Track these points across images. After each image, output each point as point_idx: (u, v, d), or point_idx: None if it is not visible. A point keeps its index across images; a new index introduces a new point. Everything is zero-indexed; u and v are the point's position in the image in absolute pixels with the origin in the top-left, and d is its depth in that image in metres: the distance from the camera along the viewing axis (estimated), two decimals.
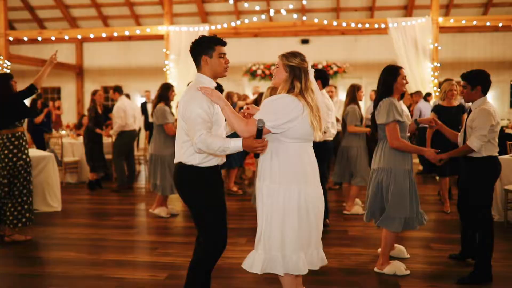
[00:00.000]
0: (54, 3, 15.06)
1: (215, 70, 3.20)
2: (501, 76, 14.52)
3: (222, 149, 2.95)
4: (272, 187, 3.05)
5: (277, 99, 3.02)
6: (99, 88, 15.64)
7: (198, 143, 2.95)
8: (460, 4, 14.09)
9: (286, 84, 3.08)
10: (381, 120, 4.21)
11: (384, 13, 14.27)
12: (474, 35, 14.53)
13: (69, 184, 9.30)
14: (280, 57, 3.17)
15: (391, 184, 4.22)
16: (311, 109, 3.01)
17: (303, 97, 3.01)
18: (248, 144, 2.93)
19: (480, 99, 4.24)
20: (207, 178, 3.18)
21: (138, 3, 14.99)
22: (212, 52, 3.16)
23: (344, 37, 14.84)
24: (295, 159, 3.05)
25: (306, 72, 3.10)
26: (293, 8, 13.18)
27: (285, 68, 3.11)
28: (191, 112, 3.02)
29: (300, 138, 3.05)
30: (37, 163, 6.85)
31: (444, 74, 13.03)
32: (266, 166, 3.10)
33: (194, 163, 3.14)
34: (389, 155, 4.25)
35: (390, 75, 4.27)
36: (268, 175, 3.08)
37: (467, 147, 4.14)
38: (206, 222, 3.19)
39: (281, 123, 2.96)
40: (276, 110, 2.97)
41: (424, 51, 11.35)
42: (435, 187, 8.78)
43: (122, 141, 8.64)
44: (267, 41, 14.93)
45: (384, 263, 4.37)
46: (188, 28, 12.23)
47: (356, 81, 11.82)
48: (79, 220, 6.66)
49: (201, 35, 3.25)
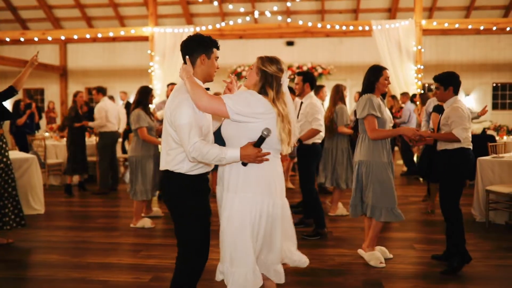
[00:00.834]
0: (37, 4, 14.91)
1: (208, 72, 3.04)
2: (483, 78, 14.72)
3: (218, 159, 2.81)
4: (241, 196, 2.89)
5: (253, 92, 2.90)
6: (83, 89, 15.59)
7: (193, 151, 2.79)
8: (443, 7, 14.27)
9: (255, 88, 2.94)
10: (359, 114, 4.49)
11: (368, 15, 14.40)
12: (457, 37, 14.72)
13: (52, 187, 9.21)
14: (257, 58, 3.01)
15: (371, 175, 4.46)
16: (281, 119, 2.86)
17: (274, 105, 2.86)
18: (248, 154, 2.80)
19: (452, 98, 4.55)
20: (196, 187, 3.02)
21: (122, 4, 14.91)
22: (211, 53, 3.02)
23: (329, 39, 14.93)
24: (262, 169, 2.89)
25: (279, 82, 2.92)
26: (277, 10, 13.23)
27: (257, 71, 2.95)
28: (181, 119, 2.82)
29: (268, 145, 2.87)
30: (20, 165, 6.77)
31: (427, 76, 13.19)
32: (233, 175, 2.92)
33: (182, 171, 2.97)
34: (368, 148, 4.49)
35: (373, 74, 4.54)
36: (235, 185, 2.91)
37: (452, 135, 4.32)
38: (189, 238, 3.00)
39: (248, 111, 2.80)
40: (249, 100, 2.83)
41: (407, 53, 11.47)
42: (418, 188, 8.87)
43: (104, 142, 8.61)
44: (252, 43, 14.96)
45: (369, 246, 4.67)
46: (173, 29, 12.20)
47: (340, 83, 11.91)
48: (63, 223, 6.60)
49: (198, 33, 3.08)
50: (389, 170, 4.51)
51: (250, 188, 2.89)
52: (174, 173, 2.98)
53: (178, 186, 2.99)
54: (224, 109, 2.81)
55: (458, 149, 4.40)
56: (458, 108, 4.40)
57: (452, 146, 4.41)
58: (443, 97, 4.59)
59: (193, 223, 2.99)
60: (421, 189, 8.59)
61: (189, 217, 3.00)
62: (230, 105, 2.80)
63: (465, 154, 4.42)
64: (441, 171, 4.49)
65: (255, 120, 2.82)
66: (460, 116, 4.34)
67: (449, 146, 4.43)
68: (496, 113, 14.89)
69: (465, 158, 4.42)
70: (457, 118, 4.34)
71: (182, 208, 3.01)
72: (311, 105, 5.66)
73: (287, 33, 13.88)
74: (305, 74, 5.95)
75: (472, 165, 4.69)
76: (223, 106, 2.81)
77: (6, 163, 5.41)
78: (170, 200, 3.06)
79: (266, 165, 2.90)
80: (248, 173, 2.89)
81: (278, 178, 2.99)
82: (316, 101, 5.74)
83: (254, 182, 2.89)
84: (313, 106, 5.65)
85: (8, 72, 14.87)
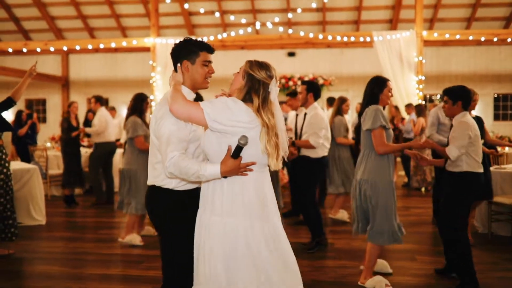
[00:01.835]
0: (40, 15, 14.99)
1: (195, 79, 2.78)
2: (485, 90, 14.73)
3: (197, 175, 2.53)
4: (215, 220, 2.58)
5: (236, 99, 2.60)
6: (84, 99, 15.62)
7: (170, 166, 2.54)
8: (443, 18, 14.31)
9: (240, 94, 2.62)
10: (367, 126, 4.17)
11: (369, 26, 14.44)
12: (458, 48, 14.75)
13: (54, 197, 9.20)
14: (246, 62, 2.71)
15: (376, 198, 4.16)
16: (266, 130, 2.55)
17: (259, 114, 2.56)
18: (230, 167, 2.50)
19: (460, 113, 4.32)
20: (185, 204, 2.76)
21: (124, 15, 14.99)
22: (196, 58, 2.75)
23: (330, 50, 14.97)
24: (250, 187, 2.59)
25: (266, 89, 2.62)
26: (279, 21, 13.27)
27: (244, 75, 2.65)
28: (164, 129, 2.61)
29: (252, 159, 2.57)
30: (21, 175, 6.77)
31: (429, 87, 13.23)
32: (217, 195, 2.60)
33: (170, 187, 2.74)
34: (373, 165, 4.19)
35: (377, 86, 4.30)
36: (212, 205, 2.61)
37: (445, 153, 4.17)
38: (177, 260, 2.78)
39: (227, 119, 2.50)
40: (230, 107, 2.53)
41: (408, 64, 11.49)
42: (419, 199, 8.85)
43: (98, 152, 8.50)
44: (253, 54, 14.97)
45: (367, 276, 4.33)
46: (174, 40, 12.22)
47: (342, 94, 11.93)
48: (64, 234, 6.59)
49: (187, 37, 2.87)
50: (392, 189, 4.23)
51: (239, 211, 2.56)
52: (161, 188, 2.77)
53: (165, 203, 2.77)
54: (201, 115, 2.51)
55: (464, 173, 4.19)
56: (463, 124, 4.20)
57: (459, 169, 4.20)
58: (451, 112, 4.35)
59: (182, 244, 2.73)
60: (423, 200, 8.58)
61: (178, 237, 2.76)
62: (208, 110, 2.51)
63: (469, 179, 4.21)
64: (447, 192, 4.31)
65: (236, 129, 2.51)
66: (461, 133, 4.14)
67: (455, 168, 4.23)
68: (497, 124, 14.87)
69: (469, 183, 4.22)
70: (458, 134, 4.16)
71: (169, 227, 2.79)
72: (315, 117, 5.48)
73: (288, 44, 13.91)
74: (309, 83, 5.74)
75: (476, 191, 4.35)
76: (200, 112, 2.51)
77: (6, 174, 5.39)
78: (157, 218, 2.85)
79: (254, 182, 2.60)
80: (234, 193, 2.58)
81: (269, 196, 2.69)
82: (321, 113, 5.57)
83: (243, 203, 2.57)
84: (316, 117, 5.47)
85: (10, 82, 14.91)
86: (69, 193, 8.47)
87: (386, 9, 14.28)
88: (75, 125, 8.51)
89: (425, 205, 7.91)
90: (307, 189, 5.59)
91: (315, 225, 5.57)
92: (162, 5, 13.16)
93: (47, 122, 16.33)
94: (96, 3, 14.58)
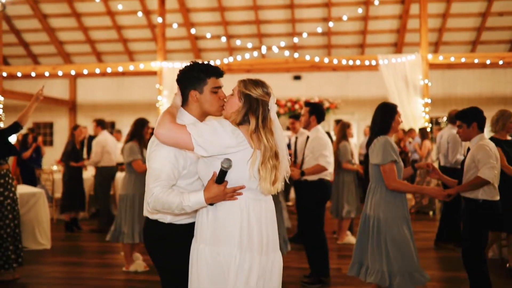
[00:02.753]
0: (49, 39, 15.20)
1: (206, 109, 2.63)
2: (491, 112, 14.51)
3: (180, 208, 2.37)
4: (202, 248, 2.45)
5: (224, 121, 2.44)
6: (91, 123, 15.70)
7: (151, 202, 2.41)
8: (448, 41, 14.38)
9: (237, 116, 2.46)
10: (375, 160, 3.90)
11: (374, 50, 14.53)
12: (463, 71, 14.77)
13: (59, 221, 9.16)
14: (238, 82, 2.55)
15: (386, 234, 3.82)
16: (264, 152, 2.39)
17: (256, 135, 2.40)
18: (214, 194, 2.34)
19: (477, 136, 4.16)
20: (182, 238, 2.59)
21: (132, 39, 15.17)
22: (203, 86, 2.58)
23: (336, 73, 15.03)
24: (238, 215, 2.40)
25: (266, 108, 2.48)
26: (285, 45, 13.38)
27: (239, 96, 2.49)
28: (155, 163, 2.47)
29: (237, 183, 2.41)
30: (27, 199, 6.76)
31: (435, 110, 13.22)
32: (203, 222, 2.47)
33: (166, 221, 2.59)
34: (381, 199, 3.90)
35: (388, 113, 4.03)
36: (200, 233, 2.48)
37: (479, 179, 3.92)
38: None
39: (212, 144, 2.35)
40: (217, 130, 2.36)
41: (414, 87, 11.51)
42: (427, 223, 8.75)
43: (101, 178, 8.41)
44: (259, 77, 14.92)
45: None
46: (181, 64, 12.34)
47: (348, 117, 11.99)
48: (69, 258, 6.54)
49: (192, 62, 2.67)
50: (407, 225, 3.87)
51: (225, 240, 2.39)
52: (157, 221, 2.61)
53: (161, 237, 2.62)
54: (188, 140, 2.34)
55: (479, 201, 4.02)
56: (485, 146, 4.02)
57: (475, 195, 4.01)
58: (468, 135, 4.18)
59: (179, 279, 2.58)
60: (431, 225, 8.47)
61: (175, 272, 2.62)
62: (195, 135, 2.34)
63: (487, 208, 4.04)
64: (466, 220, 4.14)
65: (223, 155, 2.36)
66: (487, 155, 3.95)
67: (471, 195, 4.03)
68: None
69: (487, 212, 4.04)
70: (484, 157, 3.94)
71: (166, 261, 2.65)
72: (318, 139, 5.13)
73: (294, 68, 14.00)
74: (312, 105, 5.40)
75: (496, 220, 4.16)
76: (188, 136, 2.35)
77: (13, 198, 5.38)
78: (151, 251, 2.69)
79: (244, 211, 2.41)
80: (217, 220, 2.42)
81: (265, 227, 2.46)
82: (323, 135, 5.25)
83: (226, 231, 2.40)
84: (319, 140, 5.12)
85: (18, 106, 15.01)
86: (69, 218, 8.31)
87: (391, 32, 14.39)
88: (79, 148, 8.52)
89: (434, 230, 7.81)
90: (312, 213, 5.16)
91: (322, 261, 5.12)
92: (169, 29, 13.33)
93: (54, 145, 16.39)
94: (104, 28, 14.80)
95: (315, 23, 13.88)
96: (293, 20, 14.04)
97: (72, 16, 14.41)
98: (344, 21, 12.52)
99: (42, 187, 8.87)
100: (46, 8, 14.37)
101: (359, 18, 13.74)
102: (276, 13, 14.04)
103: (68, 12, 14.30)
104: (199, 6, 13.99)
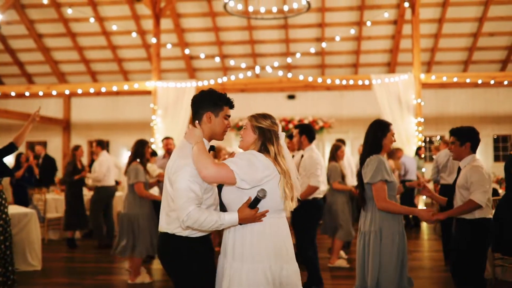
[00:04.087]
0: (43, 59, 15.24)
1: (215, 131, 2.92)
2: (484, 131, 14.78)
3: (216, 226, 2.67)
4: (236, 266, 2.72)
5: (255, 153, 2.78)
6: (85, 142, 15.68)
7: (187, 220, 2.64)
8: (441, 61, 14.53)
9: (256, 146, 2.83)
10: (367, 179, 3.87)
11: (367, 69, 14.64)
12: (456, 90, 14.90)
13: (51, 241, 9.07)
14: (249, 118, 2.94)
15: (380, 246, 3.80)
16: (284, 175, 2.76)
17: (277, 162, 2.77)
18: (246, 216, 2.67)
19: (469, 156, 4.14)
20: (198, 250, 2.84)
21: (127, 59, 15.23)
22: (219, 111, 2.89)
23: (330, 93, 15.11)
24: (268, 234, 2.74)
25: (277, 136, 2.86)
26: (278, 65, 13.47)
27: (253, 129, 2.86)
28: (181, 183, 2.70)
29: (271, 207, 2.75)
30: (19, 220, 6.69)
31: (428, 129, 13.29)
32: (238, 242, 2.75)
33: (183, 234, 2.81)
34: (376, 216, 3.87)
35: (380, 130, 3.97)
36: (241, 253, 2.73)
37: (472, 203, 3.92)
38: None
39: (255, 178, 2.68)
40: (254, 163, 2.70)
41: (407, 106, 11.57)
42: (418, 242, 8.71)
43: (98, 196, 8.54)
44: (253, 97, 15.15)
45: None
46: (175, 84, 12.39)
47: (342, 136, 12.00)
48: (59, 280, 6.45)
49: (211, 89, 2.96)
50: (403, 239, 3.86)
51: (259, 257, 2.69)
52: (174, 235, 2.82)
53: (178, 250, 2.82)
54: (231, 176, 2.67)
55: (476, 220, 4.00)
56: (479, 169, 4.00)
57: (469, 216, 4.00)
58: (458, 154, 4.17)
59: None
60: (422, 244, 8.44)
61: (192, 284, 2.81)
62: (237, 171, 2.66)
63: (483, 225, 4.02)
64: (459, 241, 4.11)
65: (269, 182, 2.72)
66: (480, 178, 3.93)
67: (467, 215, 4.01)
68: (498, 165, 14.83)
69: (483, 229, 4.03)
70: (478, 180, 3.93)
71: (183, 273, 2.82)
72: (310, 158, 5.42)
73: (288, 87, 14.08)
74: (301, 126, 5.76)
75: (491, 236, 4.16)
76: (231, 173, 2.67)
77: (6, 219, 5.33)
78: (169, 265, 2.89)
79: (273, 229, 2.75)
80: (254, 239, 2.72)
81: (287, 241, 2.82)
82: (317, 155, 5.49)
83: (263, 249, 2.71)
84: (311, 159, 5.40)
85: (12, 125, 15.00)
86: (72, 235, 8.44)
87: (384, 52, 14.53)
88: (80, 167, 8.60)
89: (425, 250, 7.78)
90: (304, 232, 5.51)
91: (314, 270, 5.46)
92: (163, 49, 13.40)
93: None
94: (99, 48, 14.87)
95: (308, 43, 14.02)
96: (287, 40, 14.17)
97: (67, 36, 14.49)
98: (338, 41, 12.62)
99: (34, 207, 8.81)
100: (41, 28, 14.45)
101: (352, 38, 13.88)
102: (270, 33, 14.16)
103: (63, 32, 14.37)
104: (194, 26, 14.11)
